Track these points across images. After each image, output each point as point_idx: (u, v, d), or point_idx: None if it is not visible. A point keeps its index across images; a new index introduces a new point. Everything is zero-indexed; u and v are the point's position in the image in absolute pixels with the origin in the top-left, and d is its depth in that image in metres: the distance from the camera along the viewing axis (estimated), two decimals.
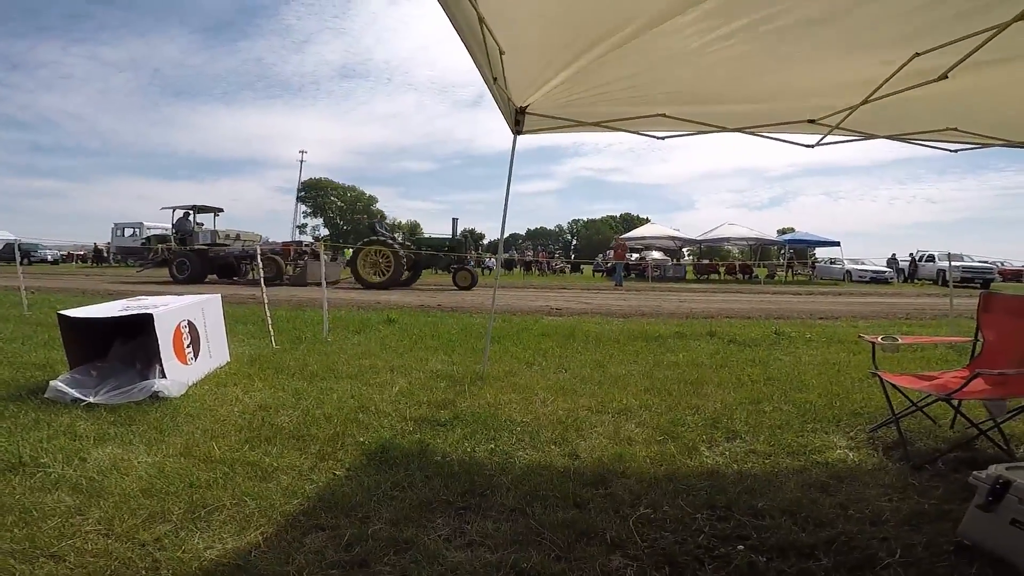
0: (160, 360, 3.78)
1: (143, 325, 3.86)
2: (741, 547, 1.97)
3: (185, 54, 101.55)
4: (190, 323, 4.27)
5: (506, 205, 4.78)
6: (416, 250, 16.76)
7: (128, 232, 32.87)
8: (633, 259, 28.31)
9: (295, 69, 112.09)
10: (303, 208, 71.69)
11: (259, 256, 11.16)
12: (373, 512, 2.22)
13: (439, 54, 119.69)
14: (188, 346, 4.19)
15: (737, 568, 1.86)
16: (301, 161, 58.39)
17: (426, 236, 18.55)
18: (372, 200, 73.36)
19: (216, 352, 4.68)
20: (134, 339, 4.10)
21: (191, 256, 17.45)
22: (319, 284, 16.48)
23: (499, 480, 2.53)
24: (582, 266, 36.70)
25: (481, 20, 2.69)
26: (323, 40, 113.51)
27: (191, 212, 19.02)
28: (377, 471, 2.62)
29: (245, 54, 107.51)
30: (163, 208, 19.07)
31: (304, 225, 71.27)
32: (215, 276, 18.20)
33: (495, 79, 3.40)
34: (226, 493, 2.35)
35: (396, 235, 18.25)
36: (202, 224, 19.42)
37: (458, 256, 16.76)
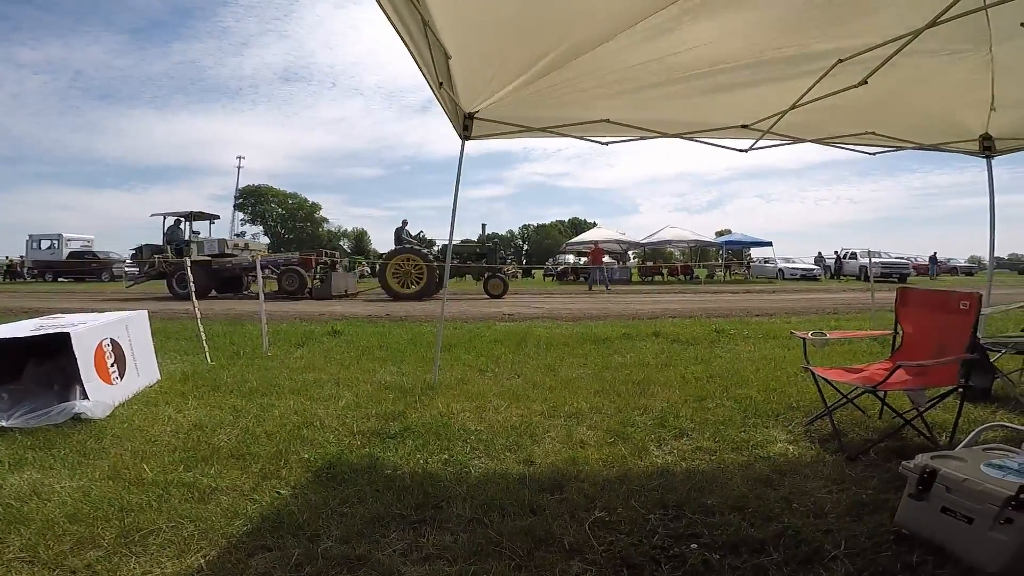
0: (80, 380, 3.50)
1: (60, 345, 3.56)
2: (695, 545, 2.01)
3: (111, 56, 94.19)
4: (113, 341, 3.99)
5: (454, 211, 4.73)
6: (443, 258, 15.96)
7: (45, 244, 30.33)
8: (581, 263, 28.80)
9: (232, 72, 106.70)
10: (241, 216, 68.42)
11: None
12: (322, 530, 2.13)
13: (387, 59, 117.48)
14: (112, 365, 3.91)
15: (692, 567, 1.89)
16: (239, 167, 56.10)
17: (455, 244, 17.52)
18: (316, 207, 71.05)
19: (144, 370, 4.38)
20: (51, 360, 3.77)
21: (195, 268, 15.45)
22: (343, 296, 15.64)
23: (454, 491, 2.48)
24: (533, 271, 36.96)
25: (426, 24, 2.65)
26: (264, 43, 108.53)
27: (183, 220, 17.37)
28: (324, 488, 2.52)
29: (179, 56, 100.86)
30: (153, 215, 17.36)
31: (243, 234, 68.00)
32: (213, 291, 16.14)
33: (440, 84, 3.36)
34: (161, 516, 2.22)
35: (424, 242, 16.81)
36: (198, 232, 17.77)
37: (489, 263, 16.04)
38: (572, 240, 35.23)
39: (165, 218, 17.23)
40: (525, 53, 3.20)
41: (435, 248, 16.78)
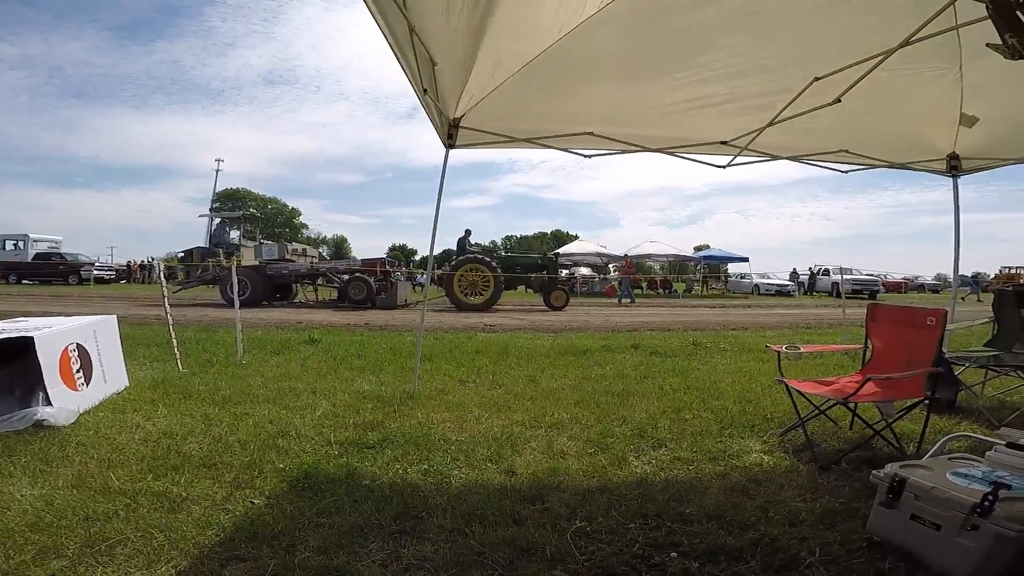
0: (44, 386, 3.39)
1: (23, 349, 3.44)
2: (674, 554, 2.02)
3: (91, 53, 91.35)
4: (79, 346, 3.87)
5: (436, 220, 4.71)
6: (506, 268, 15.76)
7: (10, 245, 29.18)
8: (563, 275, 28.87)
9: (216, 73, 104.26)
10: (217, 220, 66.95)
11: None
12: (298, 540, 2.09)
13: (374, 64, 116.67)
14: (78, 371, 3.79)
15: (673, 575, 1.90)
16: (217, 170, 54.73)
17: (515, 254, 17.30)
18: (295, 213, 70.12)
19: (112, 377, 4.25)
20: (12, 364, 3.63)
21: (250, 274, 14.62)
22: (405, 305, 15.10)
23: (435, 501, 2.45)
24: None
25: (412, 29, 2.66)
26: (249, 44, 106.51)
27: (228, 222, 16.80)
28: (300, 498, 2.47)
29: (161, 55, 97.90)
30: (201, 215, 16.95)
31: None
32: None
33: (425, 90, 3.38)
34: (129, 525, 2.16)
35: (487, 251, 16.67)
36: (253, 235, 17.17)
37: (551, 275, 16.02)
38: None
39: (211, 219, 16.59)
40: (512, 53, 3.22)
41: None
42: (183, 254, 17.45)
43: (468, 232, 16.20)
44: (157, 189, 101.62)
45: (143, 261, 34.63)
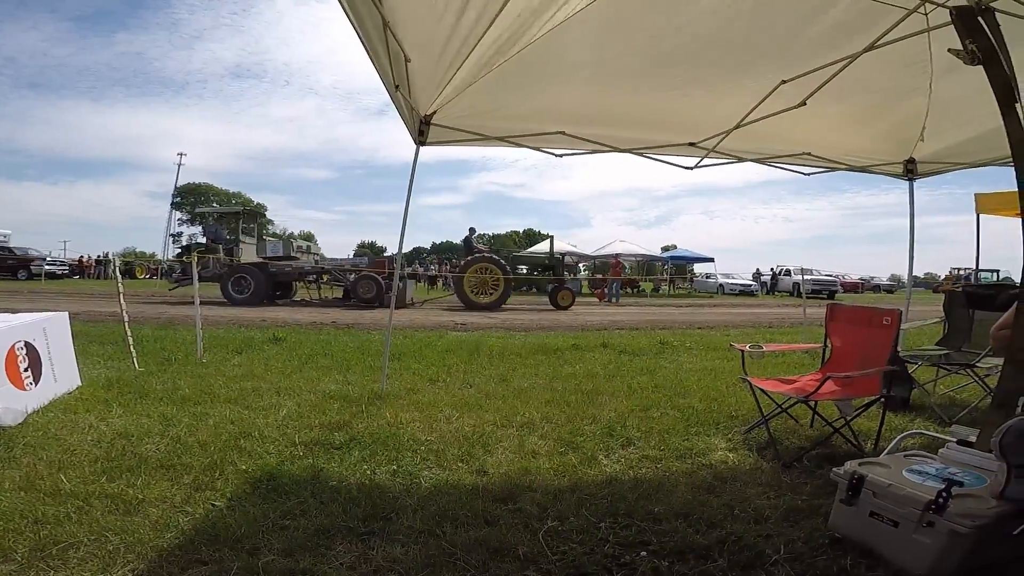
0: None
1: None
2: (644, 553, 2.04)
3: (48, 44, 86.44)
4: (27, 344, 3.69)
5: (405, 217, 4.64)
6: (514, 268, 15.53)
7: None
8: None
9: (180, 66, 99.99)
10: (178, 216, 64.59)
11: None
12: (262, 543, 2.04)
13: (346, 59, 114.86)
14: (26, 370, 3.62)
15: (643, 574, 1.92)
16: (179, 164, 52.75)
17: (523, 254, 17.22)
18: (261, 208, 68.23)
19: (63, 376, 4.06)
20: None
21: (253, 271, 14.14)
22: (411, 305, 14.57)
23: (404, 502, 2.42)
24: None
25: (386, 24, 2.61)
26: (217, 37, 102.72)
27: (225, 217, 16.14)
28: (264, 500, 2.41)
29: (123, 47, 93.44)
30: (198, 211, 16.09)
31: (179, 234, 64.09)
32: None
33: (397, 86, 3.32)
34: (82, 529, 2.08)
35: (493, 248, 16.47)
36: (253, 232, 16.51)
37: (556, 275, 15.93)
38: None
39: (206, 216, 16.10)
40: (487, 52, 3.18)
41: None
42: (180, 250, 16.85)
43: (472, 230, 16.05)
44: (114, 183, 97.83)
45: (99, 256, 33.16)
